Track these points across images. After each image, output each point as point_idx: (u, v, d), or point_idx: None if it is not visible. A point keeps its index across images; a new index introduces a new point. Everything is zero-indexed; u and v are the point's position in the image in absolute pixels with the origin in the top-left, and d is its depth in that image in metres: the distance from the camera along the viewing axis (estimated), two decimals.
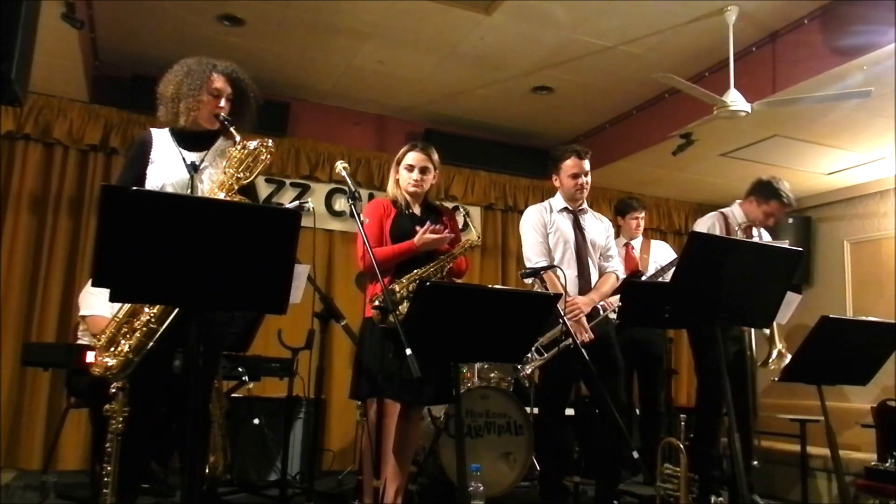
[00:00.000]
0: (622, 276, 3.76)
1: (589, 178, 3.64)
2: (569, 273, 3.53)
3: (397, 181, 3.21)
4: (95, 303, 3.74)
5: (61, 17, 3.77)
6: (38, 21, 2.33)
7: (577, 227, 3.64)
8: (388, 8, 4.41)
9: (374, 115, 6.14)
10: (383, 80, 5.45)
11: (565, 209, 3.67)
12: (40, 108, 5.01)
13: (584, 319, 3.42)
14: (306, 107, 5.88)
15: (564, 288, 3.50)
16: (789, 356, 3.65)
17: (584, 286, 3.55)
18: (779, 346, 3.82)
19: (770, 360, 3.82)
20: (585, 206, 3.75)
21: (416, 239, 3.01)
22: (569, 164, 3.60)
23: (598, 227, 3.73)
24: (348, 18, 4.56)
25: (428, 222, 3.08)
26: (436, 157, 3.21)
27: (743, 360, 3.84)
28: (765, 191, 3.93)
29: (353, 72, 5.34)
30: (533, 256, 3.57)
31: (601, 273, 3.66)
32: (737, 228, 3.87)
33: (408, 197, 3.19)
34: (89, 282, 3.87)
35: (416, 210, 3.20)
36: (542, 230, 3.60)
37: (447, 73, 5.27)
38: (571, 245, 3.59)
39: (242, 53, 4.84)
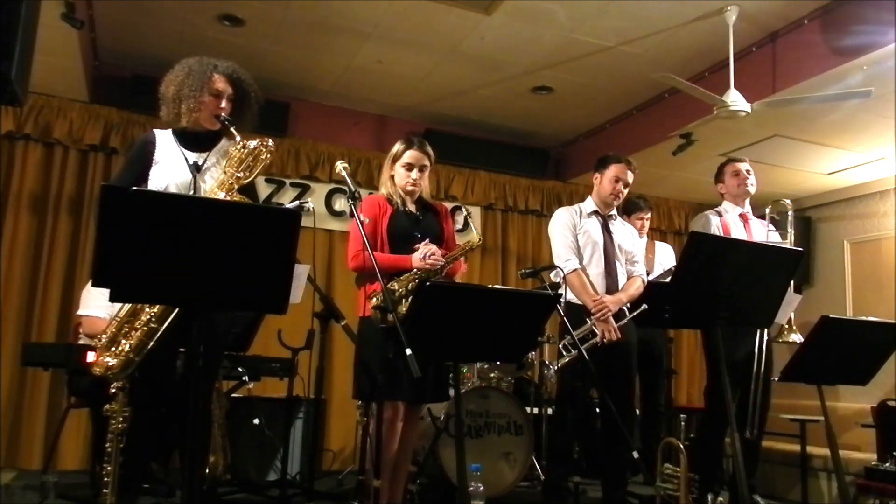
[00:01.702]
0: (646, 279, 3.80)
1: (626, 190, 3.73)
2: (597, 273, 3.60)
3: (392, 178, 3.15)
4: (93, 303, 3.74)
5: (61, 17, 3.77)
6: (38, 21, 2.33)
7: (606, 230, 3.71)
8: (388, 8, 4.41)
9: (374, 115, 6.14)
10: (383, 79, 5.44)
11: (595, 212, 3.73)
12: (40, 108, 5.01)
13: (611, 319, 3.45)
14: (306, 107, 5.88)
15: (593, 287, 3.53)
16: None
17: (612, 286, 3.61)
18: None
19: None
20: (615, 212, 3.81)
21: (413, 260, 2.95)
22: (616, 168, 3.69)
23: (625, 232, 3.81)
24: (348, 18, 4.56)
25: (428, 241, 3.01)
26: (432, 153, 3.17)
27: (757, 360, 3.78)
28: (721, 167, 4.02)
29: (353, 72, 5.34)
30: (563, 254, 3.62)
31: (629, 277, 3.71)
32: (727, 218, 3.85)
33: (403, 195, 3.13)
34: (91, 281, 3.86)
35: (412, 207, 3.14)
36: (573, 230, 3.67)
37: (447, 73, 5.27)
38: (600, 246, 3.65)
39: (242, 53, 4.83)
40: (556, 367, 3.55)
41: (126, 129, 5.21)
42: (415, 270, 2.95)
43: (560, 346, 3.50)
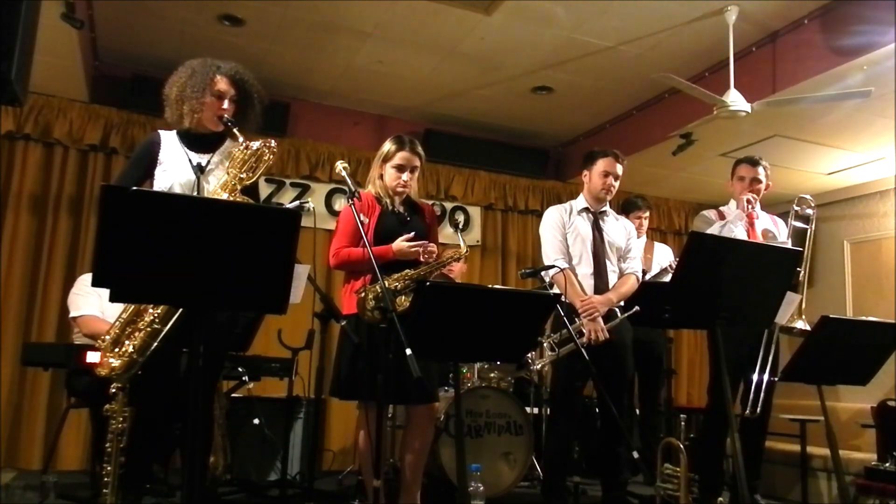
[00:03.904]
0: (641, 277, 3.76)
1: (617, 183, 3.69)
2: (585, 272, 3.57)
3: (381, 177, 3.11)
4: (84, 303, 3.74)
5: (61, 17, 3.77)
6: (38, 21, 2.32)
7: (596, 228, 3.67)
8: (388, 8, 4.41)
9: (374, 115, 6.14)
10: (383, 80, 5.44)
11: (585, 210, 3.70)
12: (40, 108, 5.01)
13: (599, 319, 3.41)
14: (306, 107, 5.88)
15: (581, 287, 3.51)
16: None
17: (601, 286, 3.57)
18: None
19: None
20: (608, 208, 3.78)
21: (394, 246, 2.94)
22: (603, 162, 3.65)
23: (618, 228, 3.75)
24: (348, 18, 4.57)
25: (414, 233, 2.99)
26: (423, 153, 3.15)
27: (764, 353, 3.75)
28: (734, 166, 3.99)
29: (353, 72, 5.34)
30: (551, 254, 3.59)
31: (621, 274, 3.67)
32: (729, 222, 3.84)
33: (392, 195, 3.10)
34: (76, 283, 3.89)
35: (400, 208, 3.12)
36: (562, 230, 3.64)
37: (447, 73, 5.27)
38: (589, 245, 3.61)
39: (242, 53, 4.83)
40: (538, 366, 3.54)
41: (126, 129, 5.21)
42: (406, 271, 2.93)
43: (545, 343, 3.48)
